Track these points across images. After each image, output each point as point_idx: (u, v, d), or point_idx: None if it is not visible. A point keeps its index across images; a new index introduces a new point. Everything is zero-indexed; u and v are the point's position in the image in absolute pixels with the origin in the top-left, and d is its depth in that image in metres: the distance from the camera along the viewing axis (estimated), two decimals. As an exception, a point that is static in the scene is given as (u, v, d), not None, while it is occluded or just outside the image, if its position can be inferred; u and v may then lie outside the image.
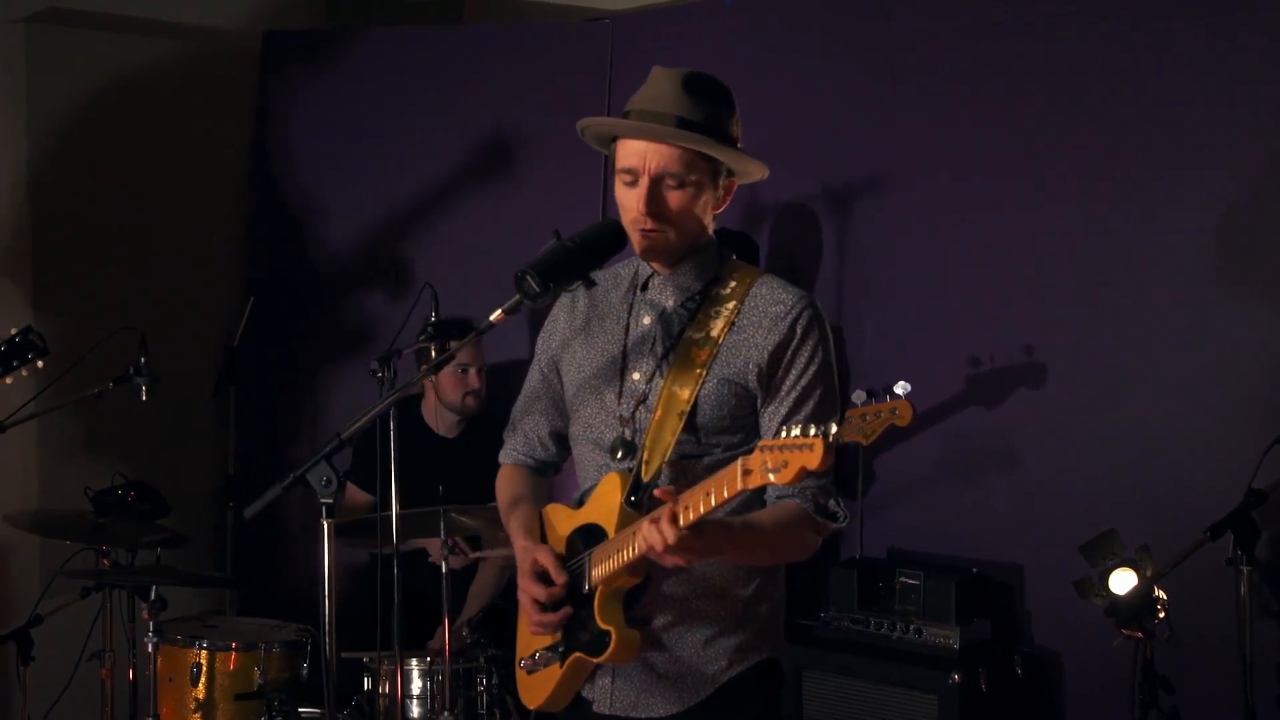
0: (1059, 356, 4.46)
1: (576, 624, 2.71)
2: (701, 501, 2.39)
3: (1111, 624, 3.65)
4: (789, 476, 2.24)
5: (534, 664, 2.82)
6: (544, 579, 2.73)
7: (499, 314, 2.62)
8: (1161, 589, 3.62)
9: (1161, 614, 3.64)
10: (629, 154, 2.68)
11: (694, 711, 2.75)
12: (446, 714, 4.15)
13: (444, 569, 4.14)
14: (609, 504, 2.69)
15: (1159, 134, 4.31)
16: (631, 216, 2.69)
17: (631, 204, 2.68)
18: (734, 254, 2.83)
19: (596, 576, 2.65)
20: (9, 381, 4.27)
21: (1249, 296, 4.17)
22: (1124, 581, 3.69)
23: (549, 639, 2.77)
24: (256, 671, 4.38)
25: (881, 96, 4.83)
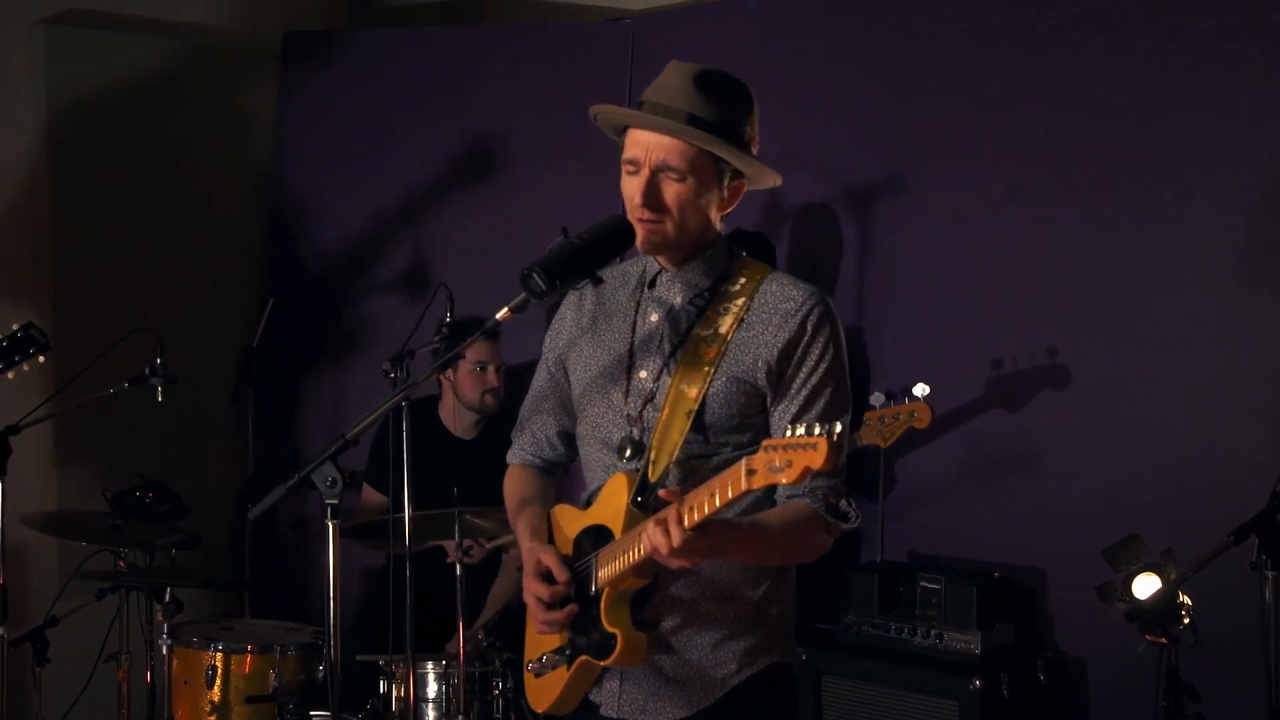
0: (1082, 358, 4.42)
1: (583, 626, 2.67)
2: (706, 502, 2.34)
3: (1134, 630, 3.60)
4: (793, 476, 2.19)
5: (541, 666, 2.79)
6: (548, 578, 2.71)
7: (505, 312, 2.60)
8: (1186, 594, 3.56)
9: (1186, 620, 3.58)
10: (634, 144, 2.66)
11: (703, 716, 2.71)
12: (461, 718, 4.12)
13: (459, 572, 4.11)
14: (616, 505, 2.65)
15: (1182, 134, 4.27)
16: (630, 206, 2.66)
17: (631, 193, 2.66)
18: (744, 251, 2.79)
19: (603, 578, 2.62)
20: (10, 376, 4.28)
21: (1274, 297, 4.12)
22: (1147, 586, 3.62)
23: (556, 640, 2.74)
24: (272, 674, 4.38)
25: (903, 97, 4.81)
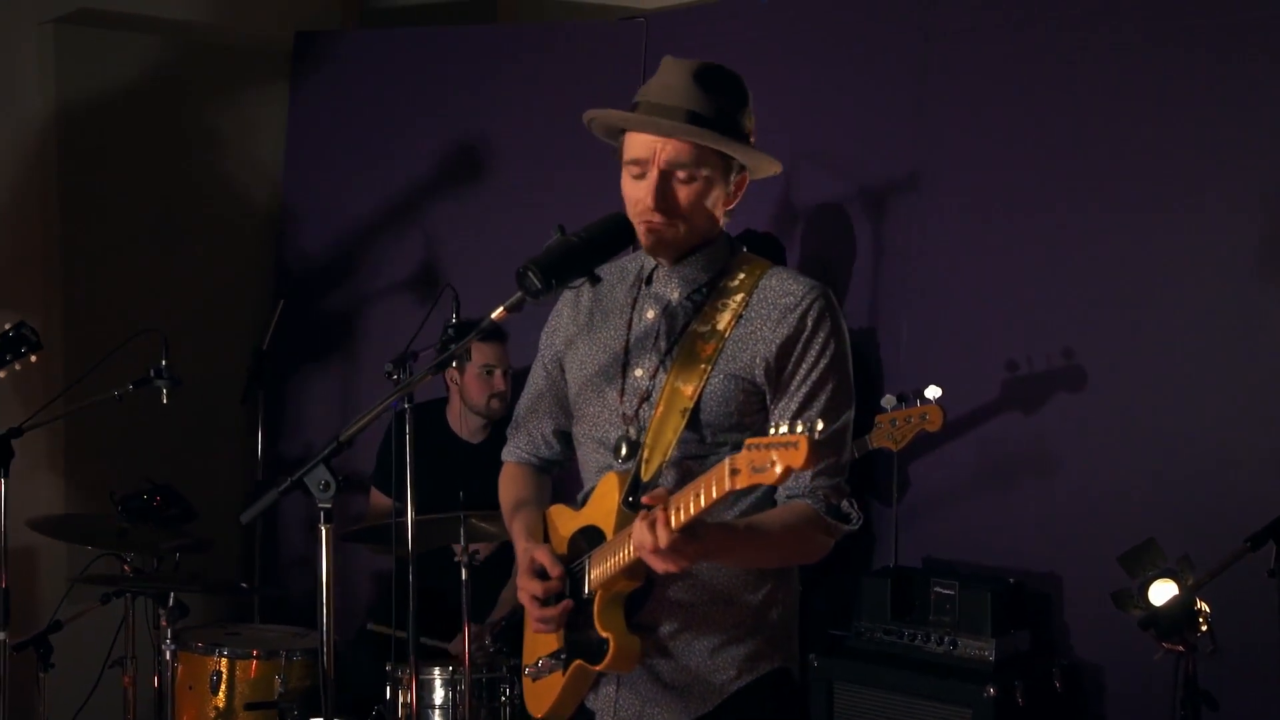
0: (1097, 360, 4.36)
1: (578, 630, 2.62)
2: (692, 502, 2.27)
3: (1151, 637, 3.53)
4: (775, 476, 2.11)
5: (538, 671, 2.74)
6: (542, 574, 2.66)
7: (500, 312, 2.57)
8: (1204, 601, 3.49)
9: (1204, 627, 3.51)
10: (638, 145, 2.60)
11: (701, 723, 2.65)
12: (468, 725, 4.08)
13: (464, 575, 4.06)
14: (607, 505, 2.60)
15: (1198, 133, 4.20)
16: (638, 209, 2.60)
17: (639, 196, 2.60)
18: (745, 247, 2.74)
19: (595, 580, 2.56)
20: (2, 375, 4.25)
21: (1293, 298, 4.04)
22: (1164, 593, 3.55)
23: (553, 644, 2.69)
24: (277, 680, 4.34)
25: (917, 96, 4.75)
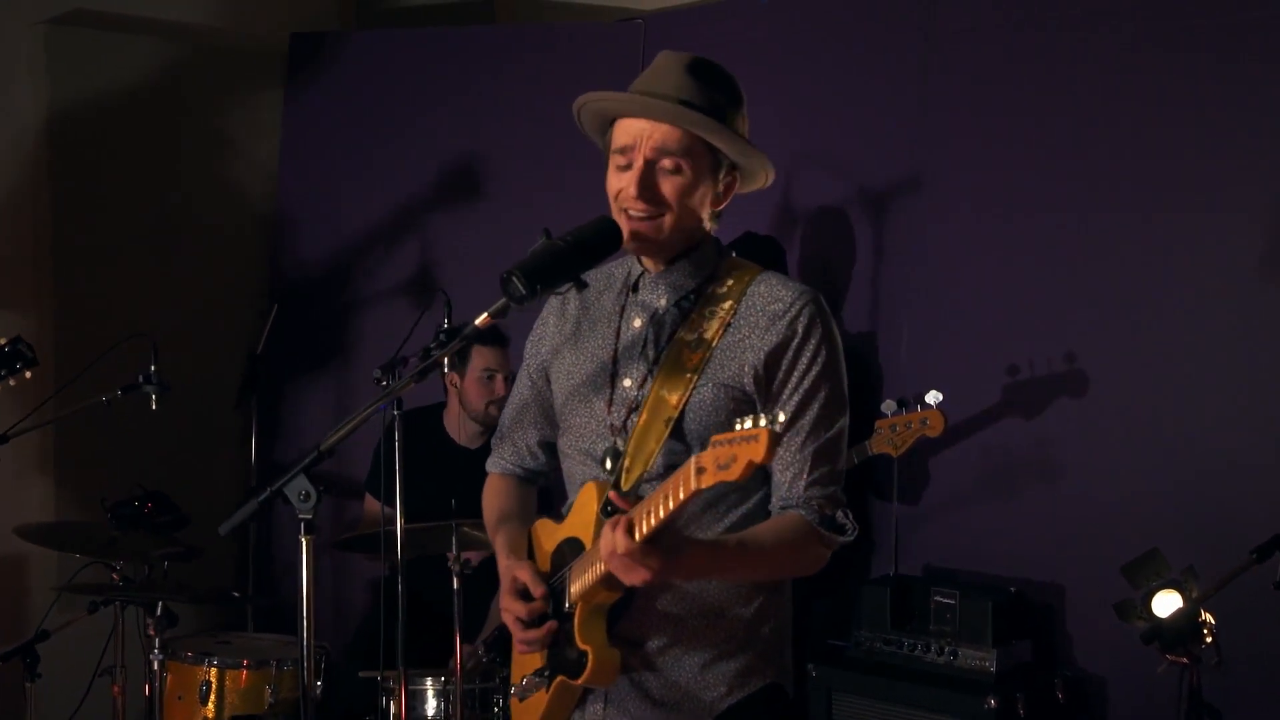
0: (1100, 365, 4.29)
1: (560, 645, 2.56)
2: (661, 505, 2.19)
3: (1155, 649, 3.47)
4: (737, 472, 2.05)
5: (524, 690, 2.68)
6: (525, 595, 2.59)
7: (484, 318, 2.48)
8: (1209, 612, 3.42)
9: (1209, 639, 3.44)
10: (625, 132, 2.55)
11: (691, 741, 2.59)
12: (460, 736, 4.01)
13: (455, 585, 3.99)
14: (586, 515, 2.54)
15: (1202, 137, 4.14)
16: (621, 199, 2.54)
17: (622, 185, 2.53)
18: (734, 252, 2.67)
19: (575, 592, 2.50)
20: None
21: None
22: (1168, 604, 3.49)
23: (538, 662, 2.63)
24: (268, 690, 4.26)
25: (918, 98, 4.69)
